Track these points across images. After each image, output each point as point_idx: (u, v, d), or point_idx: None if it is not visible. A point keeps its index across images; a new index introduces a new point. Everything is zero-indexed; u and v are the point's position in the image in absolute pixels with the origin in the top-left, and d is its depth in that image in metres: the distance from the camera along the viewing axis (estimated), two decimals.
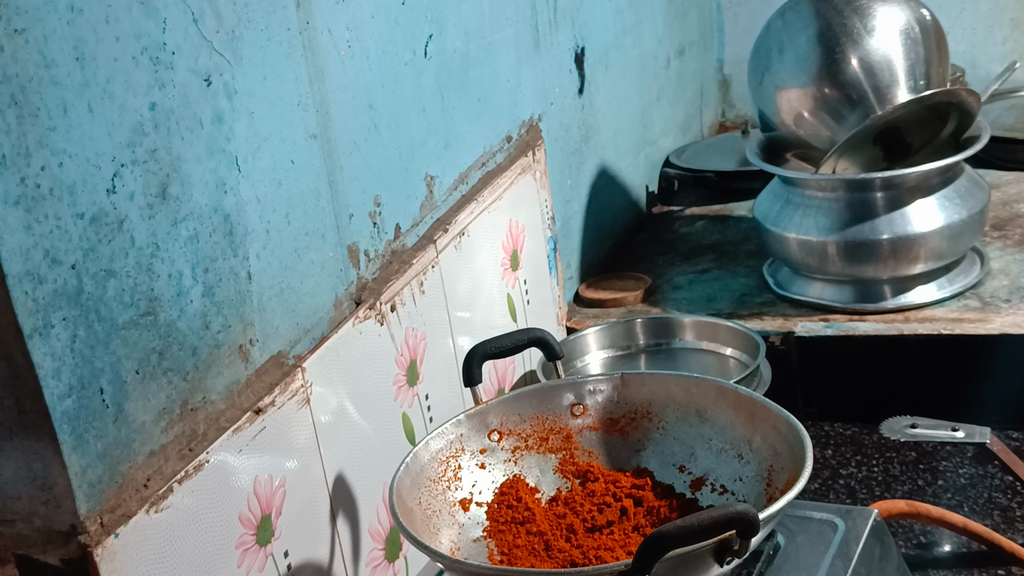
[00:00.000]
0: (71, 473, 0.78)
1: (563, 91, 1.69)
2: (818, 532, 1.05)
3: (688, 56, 2.29)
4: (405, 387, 1.20)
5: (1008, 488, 1.35)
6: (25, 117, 0.74)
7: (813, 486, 1.39)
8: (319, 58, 1.06)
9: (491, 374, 1.39)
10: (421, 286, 1.23)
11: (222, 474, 0.91)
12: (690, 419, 1.07)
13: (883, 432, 1.46)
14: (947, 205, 1.53)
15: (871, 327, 1.52)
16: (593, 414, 1.12)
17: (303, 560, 1.02)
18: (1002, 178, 1.90)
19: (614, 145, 1.91)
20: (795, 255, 1.60)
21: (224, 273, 0.94)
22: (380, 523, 1.14)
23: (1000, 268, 1.62)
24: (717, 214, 2.02)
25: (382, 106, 1.17)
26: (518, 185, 1.47)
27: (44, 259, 0.76)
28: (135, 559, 0.82)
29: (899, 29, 1.53)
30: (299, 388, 1.02)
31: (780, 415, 0.98)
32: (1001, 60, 2.14)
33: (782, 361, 1.53)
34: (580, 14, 1.73)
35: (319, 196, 1.07)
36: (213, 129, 0.92)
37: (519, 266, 1.48)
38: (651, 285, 1.75)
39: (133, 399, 0.84)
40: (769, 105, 1.62)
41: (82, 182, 0.79)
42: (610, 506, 1.02)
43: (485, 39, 1.40)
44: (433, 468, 1.04)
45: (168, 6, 0.86)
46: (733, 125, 2.46)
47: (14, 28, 0.73)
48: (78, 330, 0.79)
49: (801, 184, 1.59)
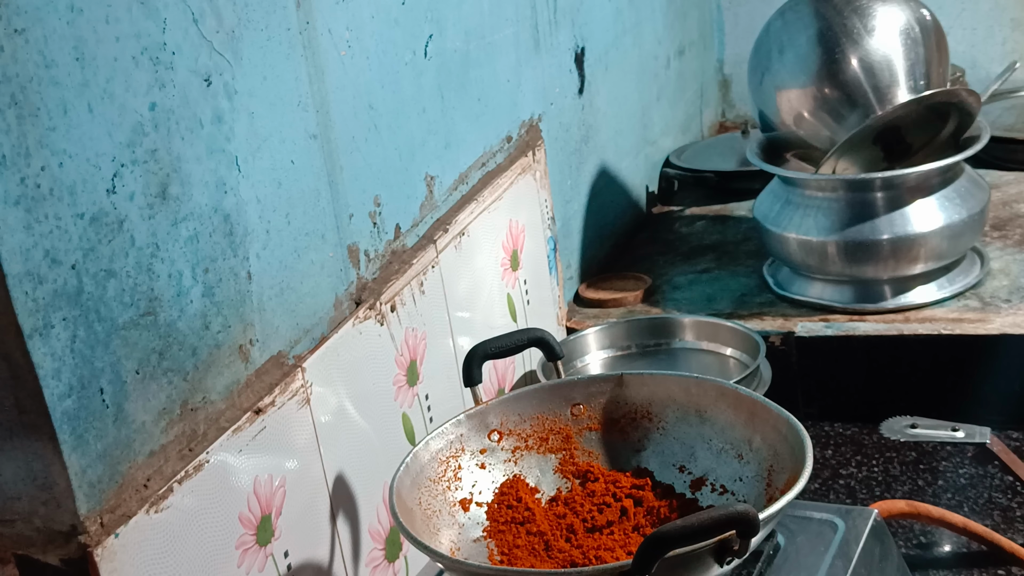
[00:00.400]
0: (71, 473, 0.78)
1: (563, 91, 1.69)
2: (818, 532, 1.05)
3: (688, 56, 2.29)
4: (405, 387, 1.20)
5: (1008, 488, 1.35)
6: (25, 117, 0.74)
7: (813, 486, 1.39)
8: (319, 58, 1.06)
9: (491, 374, 1.39)
10: (421, 286, 1.23)
11: (222, 474, 0.91)
12: (690, 419, 1.07)
13: (883, 432, 1.45)
14: (947, 205, 1.53)
15: (871, 327, 1.52)
16: (593, 414, 1.12)
17: (303, 560, 1.02)
18: (1002, 178, 1.90)
19: (614, 145, 1.91)
20: (795, 255, 1.60)
21: (224, 273, 0.94)
22: (380, 523, 1.14)
23: (1000, 268, 1.62)
24: (717, 214, 2.02)
25: (382, 106, 1.17)
26: (518, 185, 1.47)
27: (44, 259, 0.76)
28: (135, 559, 0.82)
29: (899, 29, 1.53)
30: (299, 388, 1.02)
31: (780, 415, 0.98)
32: (1001, 60, 2.14)
33: (782, 361, 1.53)
34: (580, 14, 1.73)
35: (319, 196, 1.07)
36: (213, 129, 0.92)
37: (519, 266, 1.48)
38: (651, 285, 1.75)
39: (133, 399, 0.84)
40: (769, 105, 1.62)
41: (82, 182, 0.79)
42: (610, 506, 1.02)
43: (485, 39, 1.40)
44: (433, 468, 1.04)
45: (168, 6, 0.86)
46: (733, 125, 2.46)
47: (14, 28, 0.73)
48: (78, 330, 0.79)
49: (801, 184, 1.59)
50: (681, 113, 2.26)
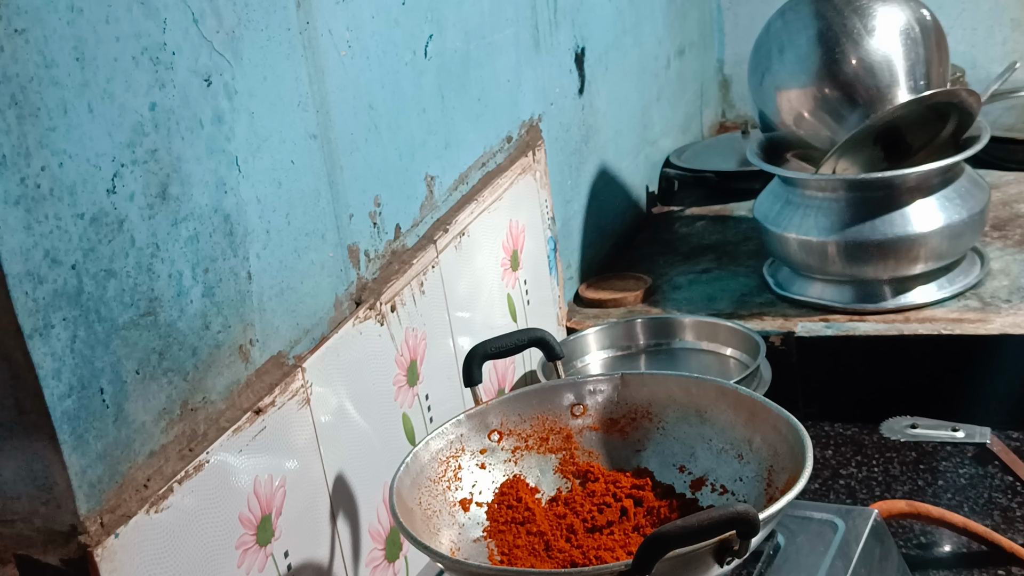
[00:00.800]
0: (71, 473, 0.78)
1: (563, 91, 1.69)
2: (818, 532, 1.05)
3: (688, 56, 2.29)
4: (405, 387, 1.20)
5: (1008, 488, 1.35)
6: (25, 117, 0.74)
7: (813, 486, 1.39)
8: (319, 58, 1.06)
9: (491, 374, 1.39)
10: (421, 286, 1.23)
11: (222, 474, 0.91)
12: (690, 419, 1.07)
13: (883, 432, 1.45)
14: (947, 205, 1.53)
15: (871, 327, 1.52)
16: (593, 414, 1.12)
17: (303, 560, 1.02)
18: (1002, 178, 1.90)
19: (614, 145, 1.91)
20: (795, 255, 1.60)
21: (224, 273, 0.94)
22: (380, 523, 1.14)
23: (1000, 268, 1.62)
24: (717, 214, 2.02)
25: (382, 106, 1.17)
26: (518, 185, 1.47)
27: (44, 259, 0.76)
28: (135, 559, 0.82)
29: (899, 29, 1.53)
30: (299, 388, 1.02)
31: (780, 415, 0.98)
32: (1001, 60, 2.14)
33: (782, 361, 1.53)
34: (580, 14, 1.73)
35: (319, 196, 1.07)
36: (213, 129, 0.92)
37: (519, 266, 1.48)
38: (651, 285, 1.75)
39: (133, 399, 0.84)
40: (769, 105, 1.62)
41: (82, 182, 0.79)
42: (610, 506, 1.02)
43: (485, 39, 1.40)
44: (433, 468, 1.04)
45: (168, 6, 0.86)
46: (733, 125, 2.46)
47: (14, 28, 0.73)
48: (78, 330, 0.79)
49: (801, 184, 1.59)
50: (681, 113, 2.26)
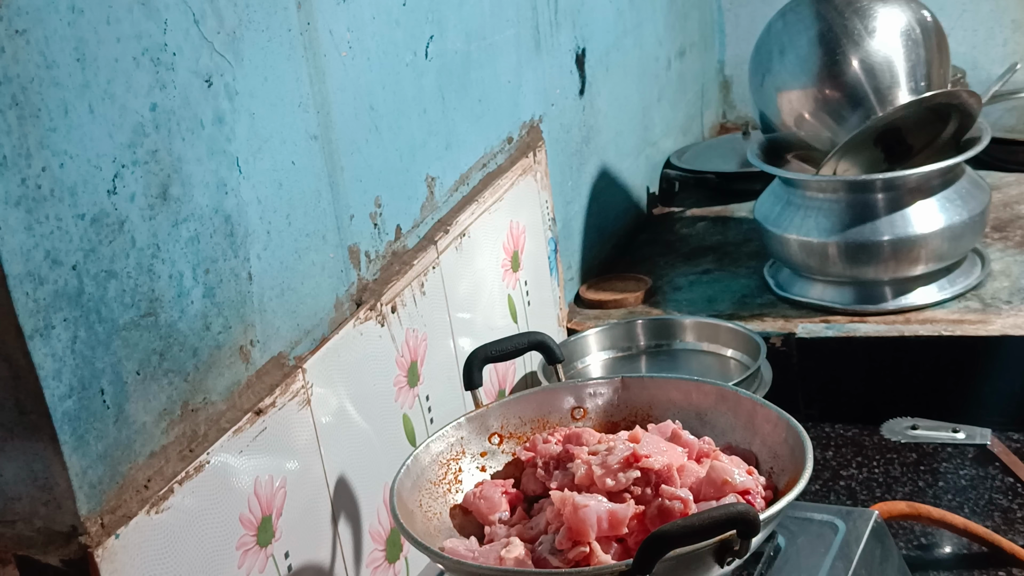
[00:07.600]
0: (72, 474, 0.78)
1: (564, 92, 1.69)
2: (819, 533, 1.05)
3: (689, 57, 2.29)
4: (406, 388, 1.20)
5: (1009, 489, 1.34)
6: (26, 118, 0.74)
7: (814, 487, 1.39)
8: (320, 59, 1.06)
9: (491, 376, 1.39)
10: (422, 287, 1.23)
11: (223, 475, 0.91)
12: (691, 422, 1.07)
13: (884, 433, 1.46)
14: (948, 206, 1.53)
15: (872, 328, 1.52)
16: (593, 417, 1.11)
17: (304, 561, 1.02)
18: (1003, 179, 1.90)
19: (615, 146, 1.91)
20: (796, 256, 1.60)
21: (225, 274, 0.94)
22: (381, 524, 1.14)
23: (1001, 269, 1.62)
24: (718, 215, 2.02)
25: (383, 107, 1.17)
26: (519, 186, 1.47)
27: (45, 260, 0.76)
28: (135, 560, 0.82)
29: (900, 30, 1.53)
30: (300, 389, 1.02)
31: (780, 417, 0.98)
32: (1002, 61, 2.14)
33: (783, 362, 1.53)
34: (581, 15, 1.73)
35: (320, 197, 1.07)
36: (214, 130, 0.92)
37: (520, 267, 1.48)
38: (652, 286, 1.75)
39: (134, 400, 0.84)
40: (770, 106, 1.62)
41: (83, 183, 0.79)
42: None
43: (486, 40, 1.40)
44: (434, 471, 1.04)
45: (169, 7, 0.86)
46: (734, 126, 2.46)
47: (15, 29, 0.73)
48: (79, 331, 0.79)
49: (802, 185, 1.59)
50: (682, 114, 2.26)
